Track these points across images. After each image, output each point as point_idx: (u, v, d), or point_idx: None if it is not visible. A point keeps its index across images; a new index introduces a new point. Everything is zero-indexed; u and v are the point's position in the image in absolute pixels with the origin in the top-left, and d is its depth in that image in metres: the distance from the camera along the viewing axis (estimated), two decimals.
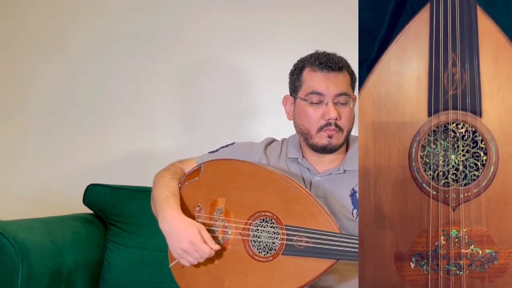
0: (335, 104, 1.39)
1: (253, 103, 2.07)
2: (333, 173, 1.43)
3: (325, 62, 1.39)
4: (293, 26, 2.04)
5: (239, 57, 2.08)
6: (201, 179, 1.43)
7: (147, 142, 2.11)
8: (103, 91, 2.14)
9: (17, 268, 1.42)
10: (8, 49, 2.20)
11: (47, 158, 2.14)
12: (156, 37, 2.12)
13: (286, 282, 1.25)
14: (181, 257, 1.33)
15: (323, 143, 1.40)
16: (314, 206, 1.25)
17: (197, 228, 1.33)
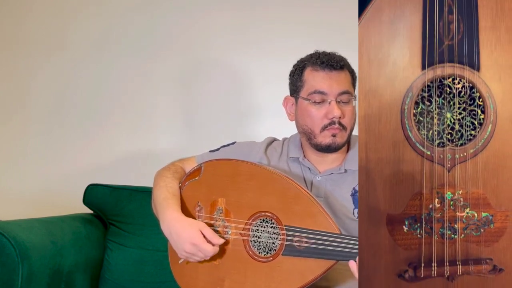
0: (338, 103, 1.39)
1: (253, 103, 2.07)
2: (334, 173, 1.43)
3: (327, 61, 1.39)
4: (293, 26, 2.04)
5: (239, 57, 2.08)
6: (202, 179, 1.43)
7: (147, 142, 2.11)
8: (103, 91, 2.14)
9: (17, 268, 1.42)
10: (8, 49, 2.20)
11: (47, 158, 2.14)
12: (156, 37, 2.12)
13: (286, 283, 1.25)
14: (187, 258, 1.34)
15: (327, 142, 1.40)
16: (314, 207, 1.25)
17: (198, 228, 1.32)
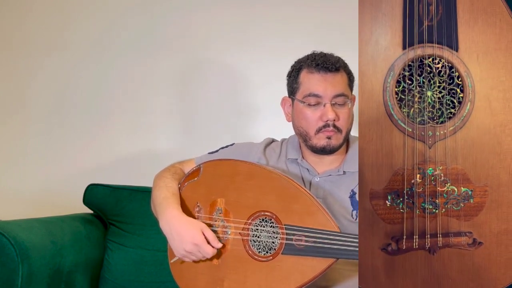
0: (333, 105, 1.38)
1: (253, 103, 2.07)
2: (332, 174, 1.43)
3: (322, 63, 1.38)
4: (293, 26, 2.04)
5: (238, 57, 2.08)
6: (201, 179, 1.43)
7: (147, 142, 2.11)
8: (103, 91, 2.14)
9: (17, 268, 1.42)
10: (8, 49, 2.20)
11: (47, 158, 2.14)
12: (155, 37, 2.12)
13: (286, 282, 1.25)
14: (184, 256, 1.34)
15: (322, 144, 1.40)
16: (314, 206, 1.25)
17: (200, 228, 1.33)
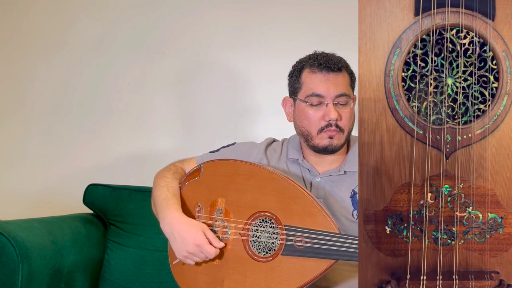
0: (335, 105, 1.39)
1: (253, 103, 2.07)
2: (333, 174, 1.43)
3: (324, 63, 1.39)
4: (293, 26, 2.04)
5: (238, 57, 2.08)
6: (201, 179, 1.43)
7: (147, 142, 2.11)
8: (103, 91, 2.14)
9: (17, 268, 1.42)
10: (8, 49, 2.20)
11: (47, 158, 2.14)
12: (155, 37, 2.12)
13: (286, 282, 1.25)
14: (186, 258, 1.34)
15: (324, 144, 1.40)
16: (314, 206, 1.25)
17: (201, 229, 1.33)
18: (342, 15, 1.98)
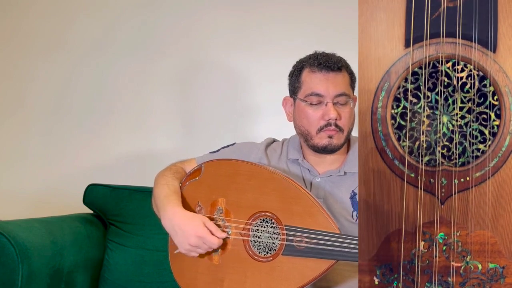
0: (335, 105, 1.39)
1: (253, 103, 2.07)
2: (333, 175, 1.43)
3: (324, 63, 1.39)
4: (293, 26, 2.04)
5: (238, 57, 2.08)
6: (202, 179, 1.43)
7: (147, 142, 2.11)
8: (103, 91, 2.14)
9: (17, 268, 1.42)
10: (7, 49, 2.20)
11: (47, 158, 2.14)
12: (155, 37, 2.12)
13: (286, 283, 1.25)
14: (190, 251, 1.33)
15: (324, 143, 1.40)
16: (314, 207, 1.25)
17: (202, 221, 1.33)
18: (342, 15, 1.98)
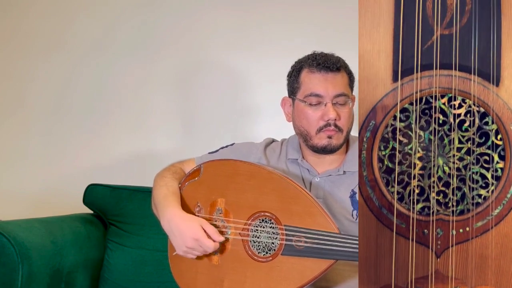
0: (334, 105, 1.39)
1: (252, 103, 2.07)
2: (333, 174, 1.43)
3: (323, 63, 1.39)
4: (293, 26, 2.04)
5: (238, 57, 2.08)
6: (201, 179, 1.43)
7: (147, 142, 2.11)
8: (103, 91, 2.14)
9: (17, 268, 1.42)
10: (8, 49, 2.20)
11: (47, 158, 2.14)
12: (155, 37, 2.12)
13: (285, 282, 1.25)
14: (186, 253, 1.34)
15: (323, 143, 1.40)
16: (313, 207, 1.25)
17: (199, 223, 1.33)
18: (342, 15, 1.98)
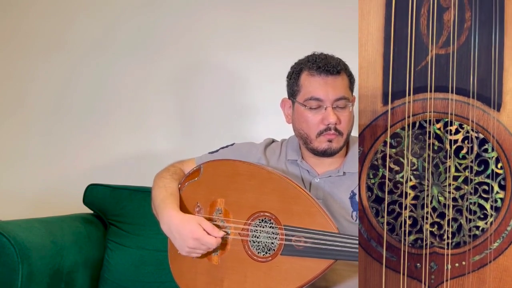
0: (334, 109, 1.38)
1: (252, 104, 2.07)
2: (332, 175, 1.43)
3: (323, 66, 1.37)
4: (293, 26, 2.04)
5: (238, 57, 2.08)
6: (201, 179, 1.43)
7: (147, 142, 2.11)
8: (102, 91, 2.15)
9: (17, 268, 1.42)
10: (8, 49, 2.20)
11: (47, 158, 2.15)
12: (155, 37, 2.12)
13: (285, 282, 1.25)
14: (190, 253, 1.34)
15: (323, 147, 1.40)
16: (313, 207, 1.25)
17: (197, 222, 1.32)
18: (342, 15, 1.98)
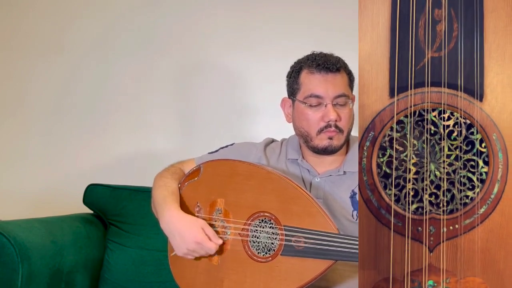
0: (334, 106, 1.38)
1: (252, 103, 2.07)
2: (333, 175, 1.43)
3: (323, 64, 1.38)
4: (293, 26, 2.04)
5: (238, 57, 2.08)
6: (201, 179, 1.43)
7: (147, 142, 2.11)
8: (103, 91, 2.15)
9: (17, 268, 1.42)
10: (7, 49, 2.20)
11: (47, 158, 2.15)
12: (155, 38, 2.12)
13: (285, 283, 1.25)
14: (186, 255, 1.34)
15: (324, 144, 1.40)
16: (313, 207, 1.25)
17: (200, 226, 1.33)
18: (342, 15, 1.98)
